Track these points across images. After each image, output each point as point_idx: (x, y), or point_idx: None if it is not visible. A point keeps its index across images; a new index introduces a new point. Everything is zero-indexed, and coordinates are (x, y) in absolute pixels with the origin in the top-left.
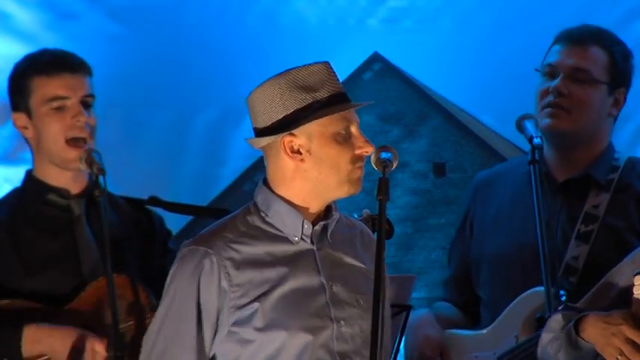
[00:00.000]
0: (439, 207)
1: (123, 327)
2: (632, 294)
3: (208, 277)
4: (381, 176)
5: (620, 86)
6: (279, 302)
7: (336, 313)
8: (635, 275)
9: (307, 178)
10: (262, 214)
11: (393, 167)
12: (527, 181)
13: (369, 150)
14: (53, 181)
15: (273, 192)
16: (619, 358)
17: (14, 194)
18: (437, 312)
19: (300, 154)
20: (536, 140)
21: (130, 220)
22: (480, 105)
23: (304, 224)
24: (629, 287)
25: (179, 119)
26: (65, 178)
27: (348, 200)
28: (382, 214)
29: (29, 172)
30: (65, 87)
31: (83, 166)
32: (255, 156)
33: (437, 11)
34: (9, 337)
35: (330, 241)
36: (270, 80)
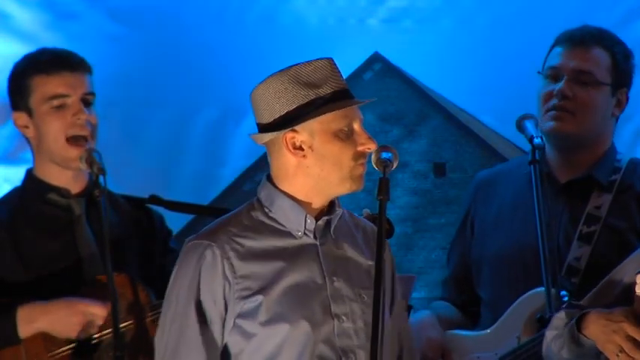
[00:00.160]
0: (439, 207)
1: (123, 326)
2: (634, 292)
3: (211, 268)
4: (381, 176)
5: (622, 87)
6: (282, 296)
7: (336, 308)
8: (637, 273)
9: (309, 175)
10: (266, 210)
11: (394, 167)
12: (528, 181)
13: (371, 147)
14: (53, 181)
15: (277, 188)
16: (619, 355)
17: (14, 193)
18: (438, 313)
19: (302, 150)
20: (536, 140)
21: (130, 219)
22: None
23: (307, 219)
24: (632, 285)
25: (179, 119)
26: (66, 177)
27: (350, 199)
28: (382, 213)
29: (29, 172)
30: (65, 85)
31: (83, 166)
32: (255, 156)
33: (437, 11)
34: (3, 321)
35: (333, 237)
36: (273, 76)
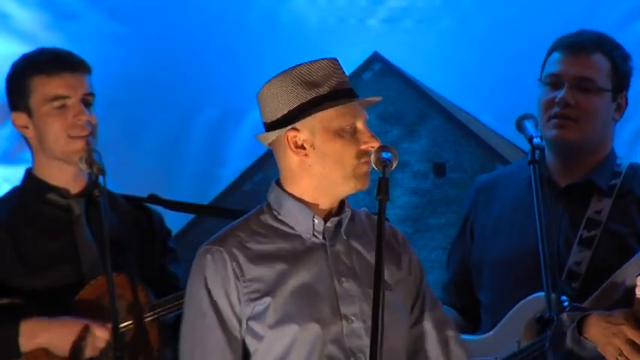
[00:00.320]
0: (439, 207)
1: (122, 327)
2: (635, 294)
3: (222, 272)
4: (381, 176)
5: (622, 91)
6: (290, 298)
7: (345, 309)
8: (637, 276)
9: (312, 174)
10: (275, 213)
11: (393, 167)
12: (528, 185)
13: (374, 145)
14: (53, 181)
15: (284, 190)
16: (619, 358)
17: (14, 193)
18: None
19: (303, 149)
20: (536, 140)
21: (130, 219)
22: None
23: (315, 220)
24: (633, 287)
25: (179, 119)
26: (65, 177)
27: (350, 199)
28: (382, 213)
29: (29, 171)
30: (66, 86)
31: (83, 166)
32: (255, 156)
33: (437, 11)
34: (6, 333)
35: (344, 237)
36: (277, 76)
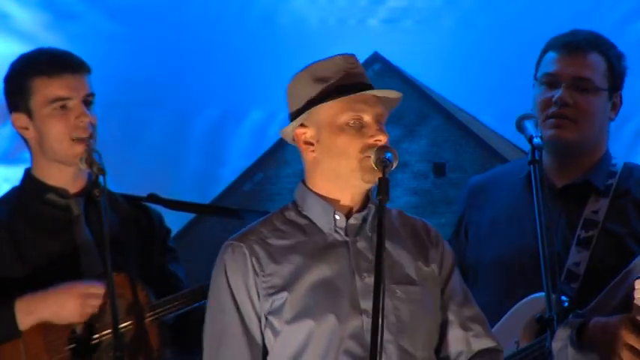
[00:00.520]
0: (439, 207)
1: (122, 327)
2: (633, 299)
3: (242, 267)
4: (381, 176)
5: (618, 90)
6: (308, 292)
7: (365, 304)
8: (636, 279)
9: (323, 170)
10: (299, 209)
11: (393, 167)
12: (523, 185)
13: (380, 138)
14: (52, 181)
15: (307, 187)
16: None
17: (13, 193)
18: None
19: (312, 145)
20: (536, 140)
21: (130, 218)
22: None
23: (335, 216)
24: (632, 293)
25: (179, 119)
26: (65, 177)
27: None
28: (382, 214)
29: (28, 171)
30: (67, 88)
31: (83, 166)
32: (255, 156)
33: (437, 11)
34: (2, 314)
35: (369, 234)
36: (297, 72)
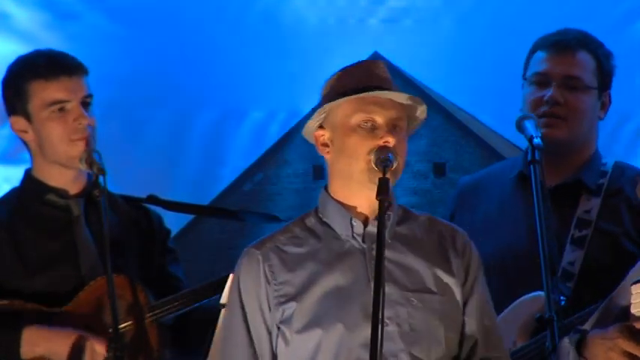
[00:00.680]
0: (439, 207)
1: (122, 327)
2: (630, 303)
3: (255, 275)
4: (381, 176)
5: (607, 89)
6: (318, 301)
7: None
8: (632, 284)
9: (337, 172)
10: (320, 215)
11: (393, 167)
12: (515, 185)
13: (388, 140)
14: (52, 182)
15: (328, 193)
16: None
17: (13, 194)
18: None
19: (328, 146)
20: (536, 140)
21: (129, 219)
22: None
23: (352, 223)
24: (630, 304)
25: (179, 119)
26: (65, 178)
27: None
28: (382, 214)
29: (28, 172)
30: (65, 90)
31: (83, 166)
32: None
33: (437, 11)
34: (8, 339)
35: (389, 241)
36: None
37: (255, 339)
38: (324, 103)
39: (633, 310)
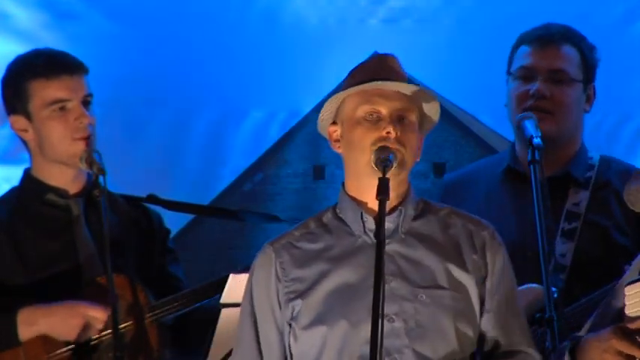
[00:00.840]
0: None
1: (122, 327)
2: (624, 305)
3: (267, 271)
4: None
5: (591, 82)
6: (324, 298)
7: (387, 308)
8: (626, 285)
9: (348, 167)
10: (337, 211)
11: (394, 167)
12: (501, 180)
13: (389, 130)
14: (52, 181)
15: (344, 189)
16: None
17: (13, 193)
18: None
19: (339, 142)
20: (536, 140)
21: (129, 219)
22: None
23: (363, 218)
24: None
25: (179, 119)
26: (65, 178)
27: None
28: (382, 213)
29: (27, 171)
30: (66, 89)
31: (83, 166)
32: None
33: (437, 11)
34: (4, 322)
35: (402, 237)
36: None
37: (263, 342)
38: (329, 96)
39: (627, 310)
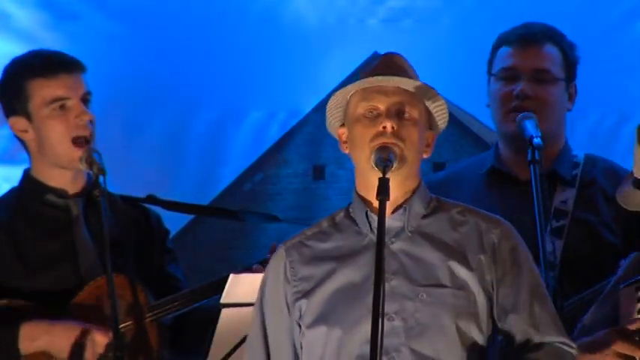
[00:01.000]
0: None
1: (122, 327)
2: (620, 308)
3: (277, 271)
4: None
5: (573, 80)
6: (328, 298)
7: (387, 307)
8: (622, 289)
9: (355, 166)
10: (350, 210)
11: (394, 167)
12: (485, 181)
13: (385, 124)
14: (52, 182)
15: (355, 187)
16: None
17: (12, 194)
18: None
19: (347, 143)
20: (536, 140)
21: (129, 219)
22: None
23: (369, 217)
24: (614, 312)
25: (179, 119)
26: (64, 178)
27: (351, 198)
28: (382, 213)
29: (27, 172)
30: (65, 87)
31: (83, 166)
32: (255, 156)
33: (437, 11)
34: (5, 334)
35: (409, 235)
36: None
37: (272, 343)
38: (329, 95)
39: (623, 310)
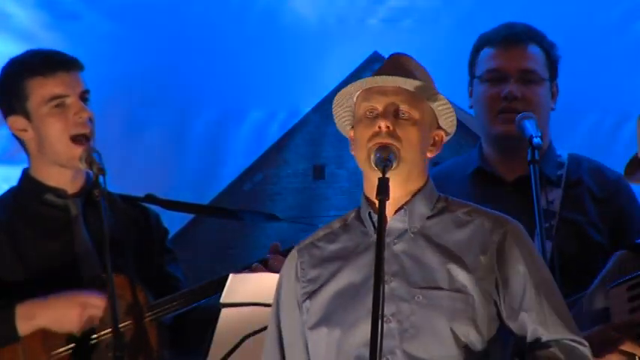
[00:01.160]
0: None
1: (122, 327)
2: (612, 308)
3: (290, 272)
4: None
5: (555, 79)
6: (329, 299)
7: (385, 309)
8: (610, 289)
9: (360, 167)
10: (360, 210)
11: (394, 167)
12: (471, 182)
13: (381, 124)
14: (51, 181)
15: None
16: None
17: (11, 194)
18: None
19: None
20: (536, 140)
21: (128, 218)
22: None
23: (371, 217)
24: (603, 310)
25: (179, 119)
26: (64, 178)
27: (350, 198)
28: (382, 213)
29: (26, 171)
30: (63, 85)
31: (83, 166)
32: (255, 156)
33: (437, 11)
34: (1, 317)
35: (412, 236)
36: None
37: (287, 344)
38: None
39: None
